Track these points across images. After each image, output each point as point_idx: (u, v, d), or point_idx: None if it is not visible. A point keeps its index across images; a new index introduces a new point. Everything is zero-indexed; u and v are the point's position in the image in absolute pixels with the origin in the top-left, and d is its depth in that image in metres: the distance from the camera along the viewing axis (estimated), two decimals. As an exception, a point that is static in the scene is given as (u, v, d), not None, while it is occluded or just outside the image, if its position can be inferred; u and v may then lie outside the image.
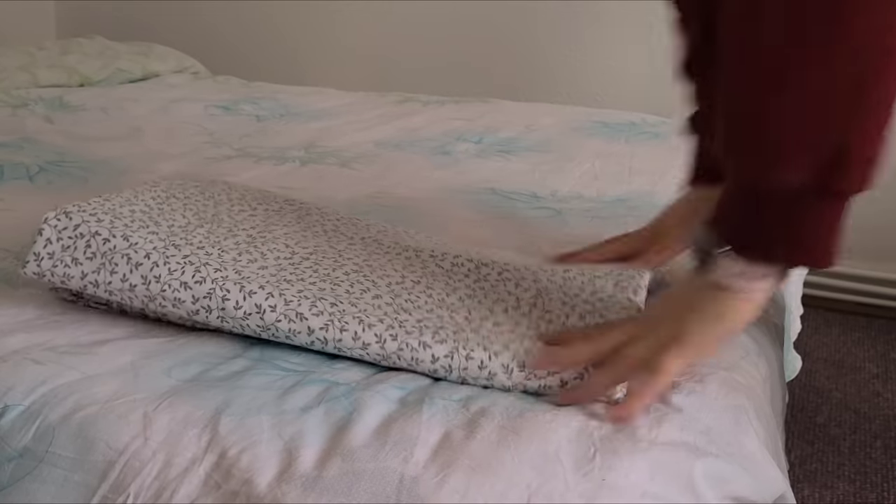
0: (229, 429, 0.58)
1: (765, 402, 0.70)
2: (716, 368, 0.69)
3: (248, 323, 0.68)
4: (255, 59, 2.63)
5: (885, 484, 1.51)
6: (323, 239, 0.82)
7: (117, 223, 0.74)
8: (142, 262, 0.70)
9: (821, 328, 2.08)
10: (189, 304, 0.69)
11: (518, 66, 2.37)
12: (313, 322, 0.67)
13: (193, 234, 0.76)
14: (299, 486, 0.53)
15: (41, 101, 1.70)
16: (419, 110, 1.80)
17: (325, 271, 0.74)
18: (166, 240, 0.73)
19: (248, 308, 0.68)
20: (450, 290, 0.75)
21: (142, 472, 0.56)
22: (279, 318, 0.67)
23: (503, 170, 1.34)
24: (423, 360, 0.66)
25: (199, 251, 0.73)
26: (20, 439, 0.59)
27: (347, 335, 0.67)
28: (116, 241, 0.72)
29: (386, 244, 0.83)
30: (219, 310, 0.68)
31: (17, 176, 1.19)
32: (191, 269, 0.70)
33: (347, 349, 0.67)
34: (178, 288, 0.69)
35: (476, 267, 0.80)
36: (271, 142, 1.48)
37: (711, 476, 0.57)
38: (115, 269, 0.71)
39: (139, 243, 0.72)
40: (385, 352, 0.66)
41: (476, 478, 0.54)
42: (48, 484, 0.57)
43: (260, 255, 0.75)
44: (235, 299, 0.68)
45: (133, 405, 0.60)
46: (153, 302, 0.70)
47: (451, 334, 0.67)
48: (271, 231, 0.81)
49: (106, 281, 0.71)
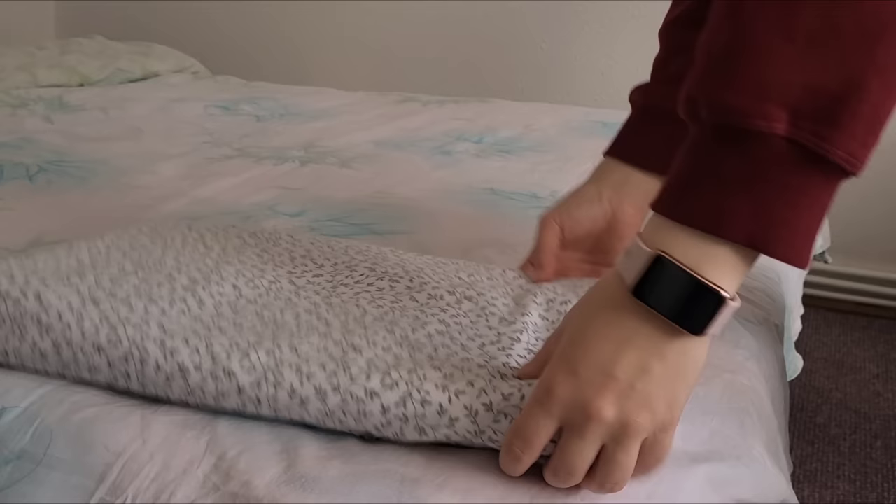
0: (228, 430, 0.58)
1: (767, 404, 0.70)
2: (718, 371, 0.68)
3: (172, 387, 0.59)
4: (255, 58, 2.63)
5: (885, 484, 1.51)
6: (284, 271, 0.75)
7: (32, 280, 0.65)
8: (52, 324, 0.62)
9: (821, 328, 2.08)
10: (105, 371, 0.61)
11: (518, 66, 2.37)
12: (243, 379, 0.58)
13: (122, 284, 0.68)
14: (299, 487, 0.53)
15: (41, 101, 1.70)
16: (419, 110, 1.80)
17: (271, 314, 0.66)
18: (85, 295, 0.65)
19: (171, 370, 0.59)
20: (418, 326, 0.66)
21: (140, 474, 0.55)
22: (205, 377, 0.59)
23: (503, 170, 1.34)
24: (371, 413, 0.56)
25: (122, 306, 0.64)
26: (18, 441, 0.58)
27: (283, 392, 0.57)
28: (28, 302, 0.63)
29: (360, 271, 0.76)
30: (138, 374, 0.60)
31: (16, 176, 1.19)
32: (105, 328, 0.61)
33: (285, 409, 0.58)
34: (92, 352, 0.61)
35: (457, 301, 0.71)
36: (271, 142, 1.48)
37: (715, 480, 0.57)
38: (24, 336, 0.63)
39: (52, 303, 0.63)
40: (327, 407, 0.57)
41: (477, 480, 0.54)
42: (46, 486, 0.56)
43: (196, 302, 0.67)
44: (155, 360, 0.60)
45: (131, 407, 0.60)
46: (67, 370, 0.62)
47: (403, 375, 0.57)
48: (221, 271, 0.72)
49: (14, 349, 0.63)
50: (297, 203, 1.11)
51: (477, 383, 0.57)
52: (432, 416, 0.55)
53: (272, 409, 0.58)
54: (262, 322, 0.65)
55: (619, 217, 0.80)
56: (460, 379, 0.57)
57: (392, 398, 0.56)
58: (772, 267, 1.00)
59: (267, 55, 2.63)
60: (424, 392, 0.56)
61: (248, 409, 0.59)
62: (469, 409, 0.55)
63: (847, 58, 0.47)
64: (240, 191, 1.17)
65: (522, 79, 2.36)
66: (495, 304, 0.70)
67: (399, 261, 0.80)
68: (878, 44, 0.47)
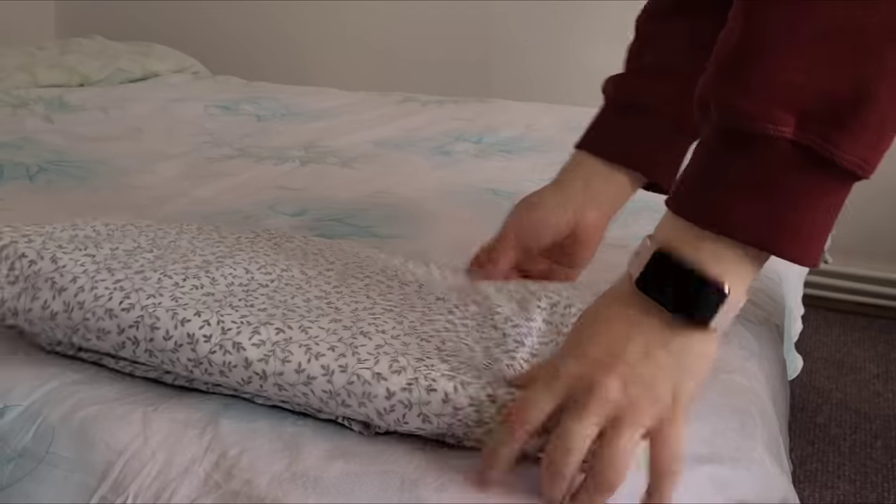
0: (230, 429, 0.58)
1: (768, 405, 0.70)
2: (719, 372, 0.68)
3: (179, 357, 0.59)
4: (256, 58, 2.63)
5: (885, 484, 1.51)
6: (296, 262, 0.75)
7: (49, 245, 0.67)
8: (66, 286, 0.63)
9: (821, 328, 2.08)
10: (114, 336, 0.61)
11: (518, 66, 2.37)
12: (251, 353, 0.58)
13: (137, 258, 0.68)
14: (300, 486, 0.53)
15: (41, 101, 1.69)
16: (419, 110, 1.80)
17: (283, 298, 0.66)
18: (101, 263, 0.65)
19: (179, 338, 0.59)
20: (425, 321, 0.66)
21: (141, 473, 0.55)
22: (213, 349, 0.59)
23: (503, 170, 1.34)
24: (376, 395, 0.56)
25: (136, 276, 0.64)
26: (20, 439, 0.58)
27: (290, 367, 0.57)
28: (43, 263, 0.64)
29: (370, 270, 0.76)
30: (146, 341, 0.60)
31: (16, 176, 1.19)
32: (119, 294, 0.62)
33: (289, 385, 0.57)
34: (103, 316, 0.61)
35: (464, 304, 0.71)
36: (271, 142, 1.48)
37: (717, 480, 0.57)
38: (37, 295, 0.63)
39: (67, 266, 0.64)
40: (333, 387, 0.56)
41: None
42: (48, 484, 0.56)
43: (209, 280, 0.67)
44: (165, 328, 0.60)
45: (133, 405, 0.60)
46: (76, 334, 0.62)
47: (411, 361, 0.57)
48: (234, 256, 0.72)
49: (25, 308, 0.63)
50: (297, 203, 1.11)
51: (484, 376, 0.57)
52: (437, 404, 0.55)
53: (276, 385, 0.58)
54: (272, 304, 0.65)
55: (581, 223, 0.79)
56: (467, 371, 0.57)
57: (399, 383, 0.56)
58: (772, 267, 1.00)
59: (267, 55, 2.63)
60: (431, 379, 0.56)
61: (252, 386, 0.59)
62: (474, 399, 0.55)
63: (856, 62, 0.47)
64: (240, 191, 1.17)
65: (522, 79, 2.36)
66: (500, 309, 0.70)
67: (408, 269, 0.80)
68: (889, 48, 0.47)
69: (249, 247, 0.77)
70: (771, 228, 0.49)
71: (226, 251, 0.74)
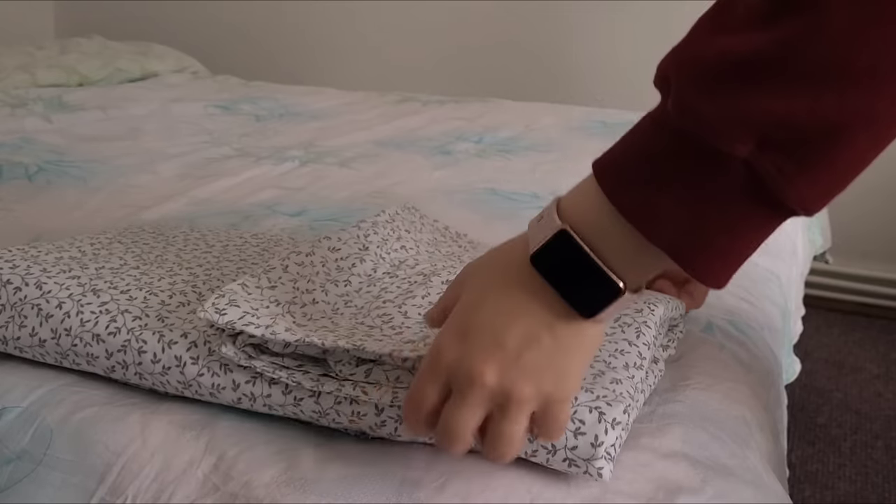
0: (228, 431, 0.58)
1: (765, 412, 0.70)
2: (718, 379, 0.68)
3: (168, 379, 0.60)
4: (255, 58, 2.63)
5: (886, 484, 1.50)
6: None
7: (34, 269, 0.67)
8: (52, 312, 0.63)
9: (821, 328, 2.08)
10: (103, 360, 0.61)
11: (518, 66, 2.37)
12: (238, 376, 0.58)
13: (123, 276, 0.68)
14: (299, 487, 0.53)
15: (40, 101, 1.69)
16: (419, 110, 1.80)
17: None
18: (86, 285, 0.66)
19: (167, 361, 0.59)
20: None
21: (140, 475, 0.55)
22: (201, 371, 0.59)
23: (503, 170, 1.33)
24: (364, 414, 0.56)
25: (122, 296, 0.65)
26: (18, 441, 0.58)
27: (277, 389, 0.57)
28: (28, 289, 0.64)
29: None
30: (135, 365, 0.60)
31: (16, 176, 1.19)
32: (105, 318, 0.62)
33: (279, 406, 0.58)
34: (91, 342, 0.61)
35: None
36: (271, 141, 1.48)
37: (713, 489, 0.56)
38: (24, 323, 0.63)
39: (52, 291, 0.64)
40: (321, 407, 0.57)
41: (477, 481, 0.53)
42: (46, 486, 0.56)
43: (196, 296, 0.67)
44: (153, 351, 0.60)
45: (131, 407, 0.60)
46: (66, 359, 0.63)
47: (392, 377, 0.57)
48: (222, 268, 0.73)
49: (14, 336, 0.63)
50: (296, 203, 1.11)
51: None
52: None
53: (266, 406, 0.58)
54: None
55: None
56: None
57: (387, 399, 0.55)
58: (772, 268, 1.00)
59: (266, 55, 2.62)
60: None
61: (243, 405, 0.59)
62: None
63: (844, 98, 0.41)
64: (239, 191, 1.17)
65: (522, 79, 2.36)
66: None
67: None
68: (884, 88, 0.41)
69: (237, 253, 0.76)
70: (695, 245, 0.46)
71: (213, 261, 0.74)
